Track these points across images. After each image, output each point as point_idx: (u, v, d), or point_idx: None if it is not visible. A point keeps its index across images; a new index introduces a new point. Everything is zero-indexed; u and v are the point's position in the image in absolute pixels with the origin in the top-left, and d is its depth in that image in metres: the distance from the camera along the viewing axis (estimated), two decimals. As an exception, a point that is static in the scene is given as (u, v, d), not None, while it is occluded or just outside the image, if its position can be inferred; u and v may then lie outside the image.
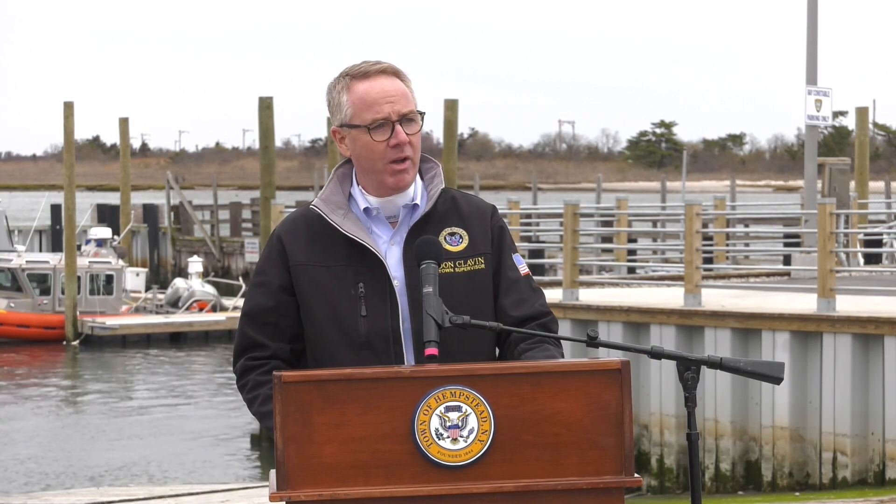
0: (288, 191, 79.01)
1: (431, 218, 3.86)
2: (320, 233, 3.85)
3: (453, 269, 3.82)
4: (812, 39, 23.17)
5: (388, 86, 3.82)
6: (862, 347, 15.91)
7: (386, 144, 3.80)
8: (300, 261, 3.83)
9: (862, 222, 27.53)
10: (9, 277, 37.35)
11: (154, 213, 53.57)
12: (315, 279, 3.81)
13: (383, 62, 3.87)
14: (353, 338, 3.78)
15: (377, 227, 3.86)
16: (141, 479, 20.44)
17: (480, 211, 3.93)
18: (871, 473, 15.85)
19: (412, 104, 3.84)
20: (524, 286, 3.91)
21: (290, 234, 3.87)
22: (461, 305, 3.71)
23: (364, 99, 3.81)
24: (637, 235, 29.98)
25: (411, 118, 3.83)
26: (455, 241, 3.86)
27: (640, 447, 17.29)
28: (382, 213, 3.87)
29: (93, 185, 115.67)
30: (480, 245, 3.88)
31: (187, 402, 28.47)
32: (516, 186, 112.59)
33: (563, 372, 3.48)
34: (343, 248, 3.82)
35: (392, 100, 3.81)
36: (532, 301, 3.90)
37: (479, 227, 3.90)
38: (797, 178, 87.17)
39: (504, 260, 3.92)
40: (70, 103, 38.84)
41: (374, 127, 3.80)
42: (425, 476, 3.42)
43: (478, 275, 3.86)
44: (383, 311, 3.78)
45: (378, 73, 3.84)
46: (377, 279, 3.79)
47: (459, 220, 3.89)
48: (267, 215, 25.67)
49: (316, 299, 3.81)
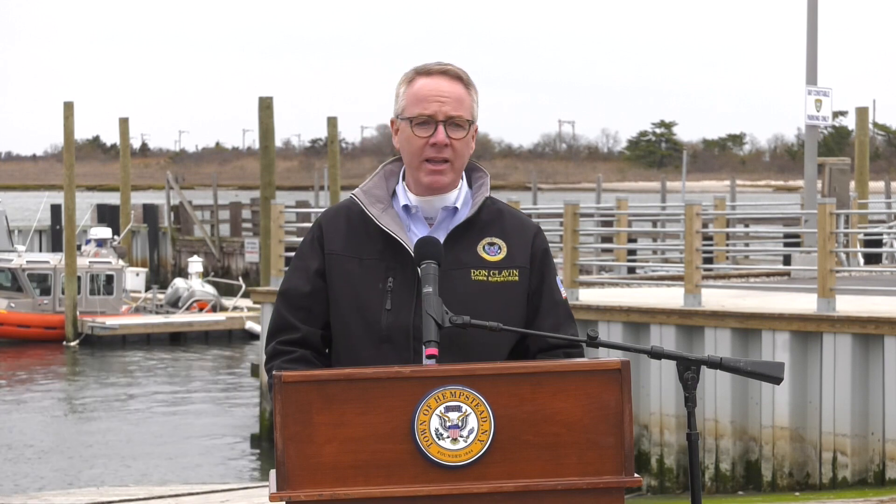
0: (288, 191, 79.07)
1: (474, 224, 3.88)
2: (358, 225, 3.88)
3: (486, 277, 3.84)
4: (812, 39, 23.17)
5: (444, 86, 3.85)
6: (862, 347, 15.91)
7: (425, 141, 3.82)
8: (336, 250, 3.87)
9: (862, 222, 27.53)
10: (9, 277, 37.35)
11: (154, 213, 53.57)
12: (347, 271, 3.85)
13: (452, 65, 3.90)
14: (375, 330, 3.80)
15: (415, 226, 3.89)
16: (141, 479, 20.44)
17: (524, 227, 3.94)
18: (871, 473, 15.85)
19: (463, 110, 3.85)
20: (561, 311, 3.94)
21: (330, 224, 3.91)
22: (493, 315, 3.72)
23: (417, 94, 3.85)
24: (637, 235, 29.97)
25: (458, 123, 3.84)
26: (493, 251, 3.87)
27: (640, 447, 17.28)
28: (421, 213, 3.89)
29: (93, 185, 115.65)
30: (518, 259, 3.89)
31: (187, 402, 28.47)
32: (516, 186, 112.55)
33: (563, 372, 3.48)
34: (378, 242, 3.85)
35: (443, 100, 3.83)
36: (564, 330, 3.91)
37: (519, 242, 3.90)
38: (797, 178, 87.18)
39: (547, 281, 3.93)
40: (70, 103, 38.84)
41: (418, 122, 3.83)
42: (425, 476, 3.42)
43: (511, 287, 3.86)
44: (408, 307, 3.80)
45: (440, 72, 3.87)
46: (407, 276, 3.81)
47: (501, 232, 3.90)
48: (267, 215, 25.64)
49: (344, 290, 3.84)
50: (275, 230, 22.00)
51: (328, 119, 39.47)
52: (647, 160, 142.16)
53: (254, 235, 47.28)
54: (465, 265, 3.81)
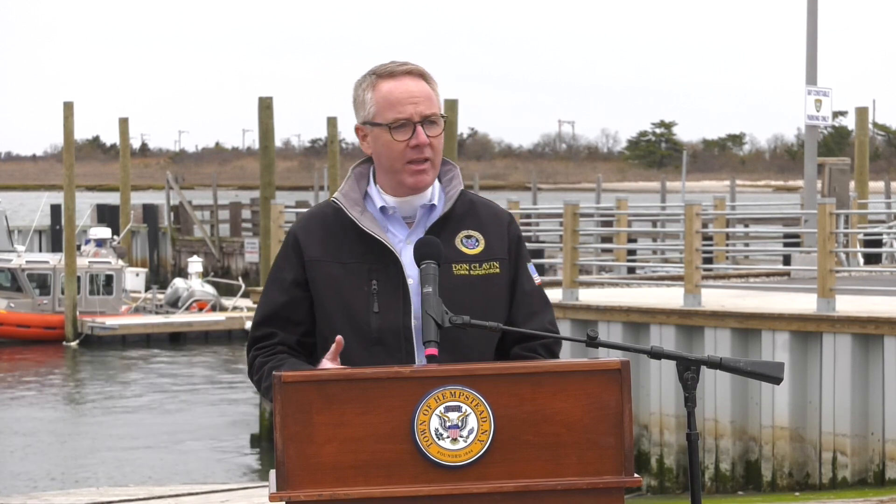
0: (288, 191, 79.01)
1: (449, 219, 3.89)
2: (336, 229, 3.88)
3: (468, 271, 3.84)
4: (812, 39, 23.17)
5: (412, 87, 3.85)
6: (862, 347, 15.92)
7: (406, 144, 3.83)
8: (315, 256, 3.86)
9: (862, 222, 27.52)
10: (9, 277, 37.36)
11: (154, 213, 53.58)
12: (330, 275, 3.84)
13: (410, 63, 3.90)
14: (365, 333, 3.79)
15: (393, 227, 3.89)
16: (141, 479, 20.44)
17: (498, 217, 3.95)
18: (870, 473, 15.85)
19: (435, 107, 3.87)
20: (537, 299, 3.94)
21: (304, 231, 3.90)
22: (476, 308, 3.72)
23: (388, 98, 3.84)
24: (637, 235, 29.97)
25: (433, 120, 3.85)
26: (471, 244, 3.88)
27: (640, 447, 17.28)
28: (399, 213, 3.89)
29: (93, 185, 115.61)
30: (497, 250, 3.90)
31: (187, 402, 28.47)
32: (516, 186, 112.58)
33: (563, 372, 3.48)
34: (358, 245, 3.84)
35: (415, 101, 3.84)
36: (542, 316, 3.92)
37: (495, 232, 3.92)
38: (797, 178, 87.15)
39: (521, 270, 3.94)
40: (70, 103, 38.85)
41: (395, 126, 3.83)
42: (425, 476, 3.42)
43: (493, 279, 3.87)
44: (396, 309, 3.80)
45: (404, 73, 3.87)
46: (391, 277, 3.81)
47: (476, 224, 3.91)
48: (267, 215, 25.65)
49: (329, 295, 3.83)
50: (275, 230, 22.02)
51: (328, 119, 39.49)
52: (647, 160, 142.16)
53: (253, 235, 47.30)
54: (446, 260, 3.80)
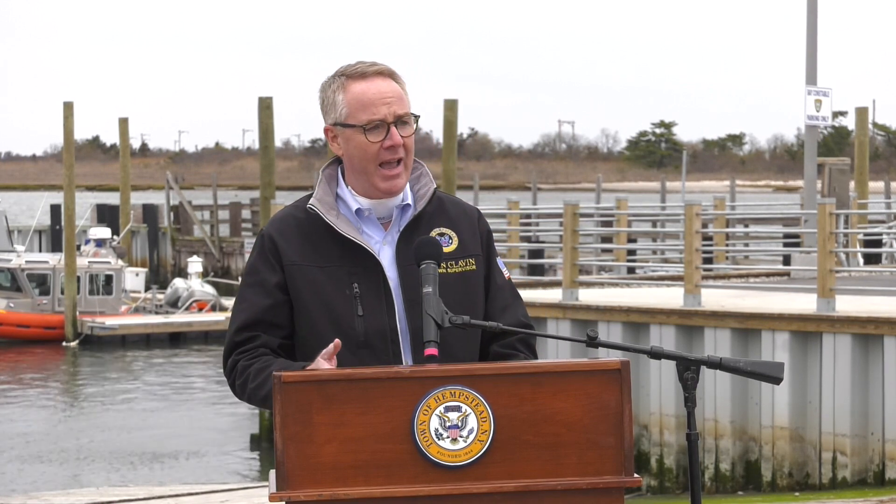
0: (287, 191, 78.84)
1: (421, 218, 3.88)
2: (311, 232, 3.85)
3: (445, 269, 3.82)
4: (812, 39, 23.17)
5: (384, 87, 3.83)
6: (862, 347, 15.92)
7: (380, 146, 3.81)
8: (294, 260, 3.83)
9: (862, 222, 27.52)
10: (8, 277, 37.34)
11: (154, 213, 53.59)
12: (311, 279, 3.81)
13: (379, 63, 3.88)
14: (351, 337, 3.77)
15: (368, 228, 3.87)
16: (141, 480, 20.43)
17: (467, 213, 3.95)
18: (870, 473, 15.85)
19: (407, 106, 3.86)
20: (508, 292, 3.95)
21: (280, 234, 3.86)
22: (455, 306, 3.70)
23: (360, 99, 3.82)
24: (637, 235, 29.98)
25: (406, 120, 3.84)
26: (445, 241, 3.87)
27: (640, 447, 17.28)
28: (374, 215, 3.87)
29: (92, 185, 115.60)
30: (471, 246, 3.90)
31: (187, 402, 28.46)
32: (516, 186, 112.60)
33: (563, 372, 3.48)
34: (336, 249, 3.82)
35: (388, 101, 3.82)
36: (514, 309, 3.93)
37: (467, 228, 3.92)
38: (797, 178, 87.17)
39: (492, 265, 3.95)
40: (70, 103, 38.83)
41: (369, 128, 3.81)
42: (425, 476, 3.42)
43: (470, 276, 3.88)
44: (380, 311, 3.79)
45: (375, 74, 3.85)
46: (372, 279, 3.80)
47: (448, 221, 3.91)
48: (267, 215, 25.67)
49: (312, 299, 3.80)
50: (274, 230, 21.98)
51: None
52: (646, 160, 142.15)
53: (253, 235, 47.28)
54: None
